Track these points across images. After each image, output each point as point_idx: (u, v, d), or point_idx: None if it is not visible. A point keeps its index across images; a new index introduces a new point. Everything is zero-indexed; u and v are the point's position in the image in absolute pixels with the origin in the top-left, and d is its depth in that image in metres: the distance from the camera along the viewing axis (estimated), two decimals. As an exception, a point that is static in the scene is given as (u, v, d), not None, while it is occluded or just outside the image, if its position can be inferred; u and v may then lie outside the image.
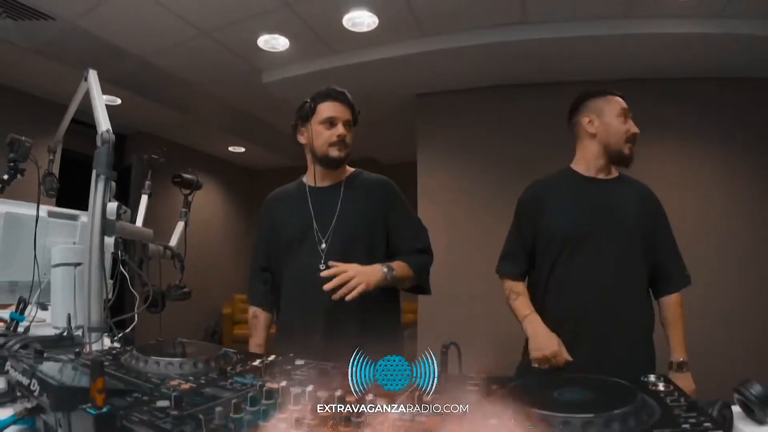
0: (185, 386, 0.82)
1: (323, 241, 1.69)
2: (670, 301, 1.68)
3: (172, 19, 3.27)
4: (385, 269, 1.58)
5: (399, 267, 1.63)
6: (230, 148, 6.82)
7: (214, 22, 3.36)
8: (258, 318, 1.80)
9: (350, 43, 3.63)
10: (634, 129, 1.69)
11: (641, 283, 1.67)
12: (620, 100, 1.73)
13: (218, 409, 0.63)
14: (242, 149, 6.82)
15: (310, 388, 0.72)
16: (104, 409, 0.65)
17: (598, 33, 3.17)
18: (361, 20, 3.31)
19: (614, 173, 1.75)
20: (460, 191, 4.31)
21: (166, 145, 5.96)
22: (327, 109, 1.70)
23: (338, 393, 0.68)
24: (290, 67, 4.04)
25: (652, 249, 1.66)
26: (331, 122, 1.70)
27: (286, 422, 0.62)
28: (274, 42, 3.64)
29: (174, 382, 0.83)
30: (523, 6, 3.10)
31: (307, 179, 1.81)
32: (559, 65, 3.67)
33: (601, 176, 1.73)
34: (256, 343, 1.78)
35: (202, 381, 0.86)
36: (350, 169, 1.82)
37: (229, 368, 0.94)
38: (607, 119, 1.69)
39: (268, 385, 0.74)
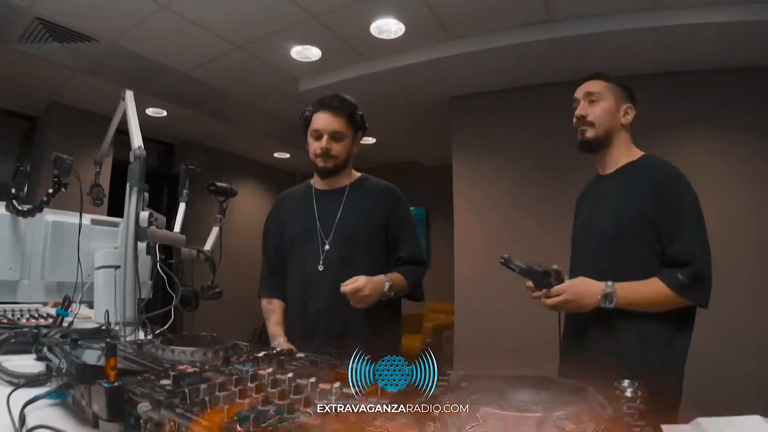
0: (189, 370, 0.93)
1: (326, 242, 1.72)
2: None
3: (206, 35, 3.48)
4: (388, 284, 1.62)
5: (398, 280, 1.67)
6: (275, 155, 7.02)
7: (247, 36, 3.54)
8: (272, 303, 1.81)
9: (380, 50, 3.73)
10: (579, 112, 1.55)
11: None
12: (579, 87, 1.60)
13: (203, 386, 0.75)
14: (287, 155, 7.01)
15: (290, 374, 0.82)
16: (115, 384, 0.78)
17: (625, 27, 3.11)
18: (388, 27, 3.41)
19: (618, 164, 1.53)
20: (496, 192, 4.30)
21: (213, 154, 6.29)
22: (316, 120, 1.72)
23: (312, 380, 0.78)
24: (325, 75, 4.17)
25: (647, 250, 1.39)
26: (317, 135, 1.71)
27: (255, 400, 0.73)
28: (307, 52, 3.79)
29: (181, 367, 0.95)
30: (547, 4, 3.09)
31: (314, 182, 1.86)
32: (588, 62, 3.57)
33: (607, 171, 1.57)
34: (274, 322, 1.76)
35: (206, 367, 0.98)
36: (356, 174, 1.85)
37: (233, 357, 1.05)
38: None
39: (258, 372, 0.85)
